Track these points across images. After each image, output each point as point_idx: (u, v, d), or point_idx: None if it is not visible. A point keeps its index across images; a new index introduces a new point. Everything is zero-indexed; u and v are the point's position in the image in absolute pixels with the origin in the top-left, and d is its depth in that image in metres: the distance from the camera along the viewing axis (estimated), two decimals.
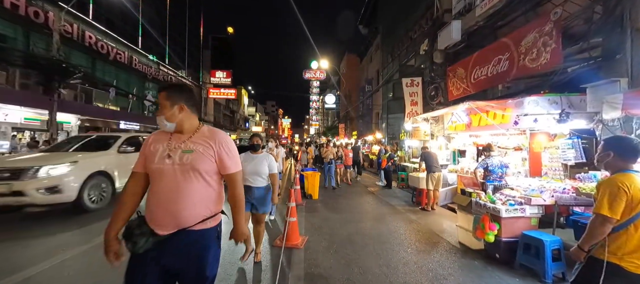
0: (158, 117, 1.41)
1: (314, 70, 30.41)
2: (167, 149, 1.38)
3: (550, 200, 3.54)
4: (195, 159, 1.36)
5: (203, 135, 1.44)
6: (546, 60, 4.72)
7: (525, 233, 3.30)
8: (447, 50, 8.09)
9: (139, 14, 19.44)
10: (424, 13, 11.05)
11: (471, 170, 6.02)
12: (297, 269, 3.21)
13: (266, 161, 3.25)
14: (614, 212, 1.53)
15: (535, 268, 3.12)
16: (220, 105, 35.63)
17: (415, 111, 9.60)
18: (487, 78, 6.29)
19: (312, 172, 7.61)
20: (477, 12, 6.71)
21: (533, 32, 4.97)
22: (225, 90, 30.42)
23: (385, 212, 5.99)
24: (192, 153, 1.37)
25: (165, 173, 1.34)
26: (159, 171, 1.36)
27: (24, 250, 3.57)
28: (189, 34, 27.95)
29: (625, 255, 1.53)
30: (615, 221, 1.54)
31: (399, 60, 14.28)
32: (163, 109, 1.39)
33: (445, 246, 4.03)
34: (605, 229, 1.55)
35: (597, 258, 1.58)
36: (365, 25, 25.84)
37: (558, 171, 4.71)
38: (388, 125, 17.35)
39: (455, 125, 6.58)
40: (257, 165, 3.19)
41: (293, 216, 3.95)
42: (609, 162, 1.69)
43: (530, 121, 4.62)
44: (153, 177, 1.38)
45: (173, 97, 1.40)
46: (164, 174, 1.35)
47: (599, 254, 1.58)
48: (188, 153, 1.36)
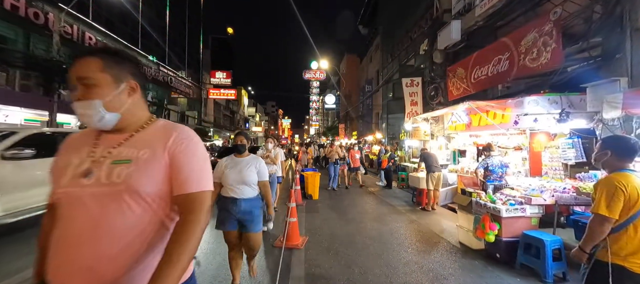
0: (82, 103, 0.83)
1: (313, 71, 30.41)
2: (86, 160, 0.83)
3: (550, 200, 3.54)
4: (134, 174, 0.81)
5: (153, 134, 0.89)
6: (547, 60, 4.72)
7: (525, 232, 3.30)
8: (446, 50, 8.09)
9: (138, 15, 19.46)
10: (424, 13, 11.06)
11: (471, 170, 6.03)
12: (298, 269, 3.21)
13: (255, 166, 2.61)
14: (612, 212, 1.53)
15: (535, 267, 3.12)
16: (220, 106, 35.63)
17: (415, 111, 9.61)
18: (487, 78, 6.29)
19: (312, 172, 7.63)
20: (477, 12, 6.72)
21: (533, 32, 4.97)
22: (225, 90, 30.42)
23: (385, 212, 5.98)
24: (130, 164, 0.82)
25: (77, 203, 0.80)
26: (68, 199, 0.82)
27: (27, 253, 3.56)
28: (188, 35, 27.98)
29: (629, 256, 1.51)
30: (614, 221, 1.54)
31: (398, 60, 14.28)
32: (97, 89, 0.83)
33: (446, 246, 4.03)
34: (605, 229, 1.55)
35: (602, 261, 1.57)
36: (365, 26, 25.86)
37: (558, 171, 4.71)
38: (388, 125, 17.36)
39: (455, 125, 6.58)
40: (243, 170, 2.55)
41: (293, 217, 3.96)
42: (606, 161, 1.69)
43: (531, 121, 4.62)
44: (60, 210, 0.83)
45: (115, 67, 0.86)
46: (74, 204, 0.80)
47: (603, 257, 1.57)
48: (122, 165, 0.82)
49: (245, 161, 2.62)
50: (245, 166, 2.58)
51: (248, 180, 2.54)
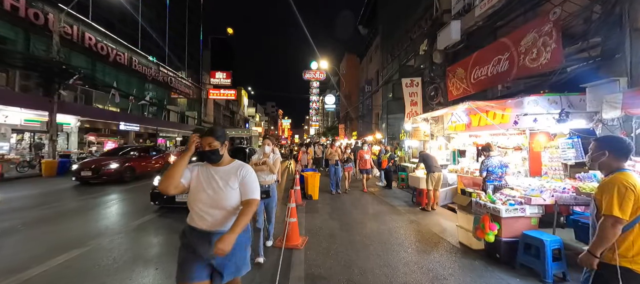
0: None
1: (313, 71, 30.43)
2: None
3: (550, 200, 3.54)
4: None
5: None
6: (546, 60, 4.72)
7: (525, 232, 3.30)
8: (446, 50, 8.10)
9: (138, 15, 19.48)
10: (424, 13, 11.07)
11: (471, 170, 6.03)
12: (298, 270, 3.21)
13: (237, 178, 1.73)
14: (624, 212, 1.50)
15: (535, 267, 3.12)
16: (220, 106, 35.65)
17: (415, 111, 9.61)
18: (487, 78, 6.30)
19: (312, 173, 7.63)
20: (477, 13, 6.72)
21: (532, 32, 4.98)
22: (225, 91, 30.46)
23: (385, 212, 5.98)
24: None
25: None
26: None
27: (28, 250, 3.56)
28: (188, 35, 28.00)
29: (636, 256, 1.49)
30: (625, 222, 1.51)
31: (398, 61, 14.30)
32: None
33: (446, 246, 4.03)
34: (617, 231, 1.51)
35: (609, 264, 1.53)
36: (365, 26, 25.89)
37: (558, 171, 4.71)
38: (388, 125, 17.37)
39: (455, 125, 6.58)
40: (220, 190, 1.69)
41: (293, 217, 3.95)
42: (603, 162, 1.68)
43: (530, 121, 4.63)
44: None
45: None
46: None
47: (610, 260, 1.53)
48: None
49: (223, 172, 1.74)
50: (224, 179, 1.71)
51: (226, 203, 1.68)
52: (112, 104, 16.72)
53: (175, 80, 23.94)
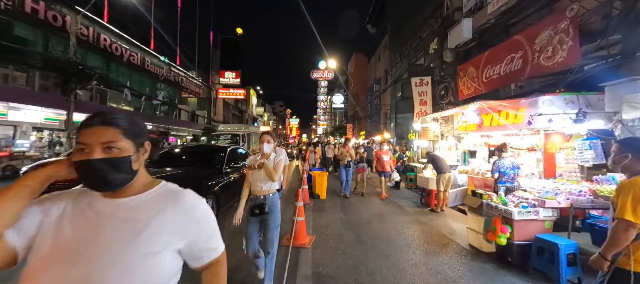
0: None
1: (321, 70, 30.44)
2: None
3: (565, 203, 3.43)
4: None
5: None
6: (562, 58, 4.57)
7: (538, 236, 3.21)
8: (457, 48, 7.95)
9: (151, 17, 19.92)
10: (433, 12, 10.90)
11: (482, 171, 5.91)
12: (305, 268, 3.22)
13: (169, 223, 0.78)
14: (638, 217, 1.45)
15: (549, 273, 3.03)
16: (229, 105, 36.11)
17: (424, 111, 9.48)
18: (500, 77, 6.15)
19: (319, 172, 7.65)
20: (489, 10, 6.57)
21: (548, 29, 4.83)
22: (234, 90, 30.83)
23: (393, 213, 5.93)
24: None
25: None
26: None
27: None
28: (198, 36, 28.45)
29: None
30: (638, 227, 1.47)
31: (407, 60, 14.14)
32: None
33: (455, 248, 3.96)
34: (629, 235, 1.47)
35: (623, 270, 1.50)
36: (374, 25, 25.71)
37: (574, 173, 4.56)
38: (396, 125, 17.20)
39: (466, 125, 6.46)
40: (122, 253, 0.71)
41: (301, 216, 3.97)
42: (626, 164, 1.62)
43: (545, 121, 4.49)
44: None
45: None
46: None
47: (625, 265, 1.49)
48: None
49: (134, 208, 0.79)
50: (132, 228, 0.75)
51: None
52: (125, 103, 17.19)
53: (185, 80, 24.39)
